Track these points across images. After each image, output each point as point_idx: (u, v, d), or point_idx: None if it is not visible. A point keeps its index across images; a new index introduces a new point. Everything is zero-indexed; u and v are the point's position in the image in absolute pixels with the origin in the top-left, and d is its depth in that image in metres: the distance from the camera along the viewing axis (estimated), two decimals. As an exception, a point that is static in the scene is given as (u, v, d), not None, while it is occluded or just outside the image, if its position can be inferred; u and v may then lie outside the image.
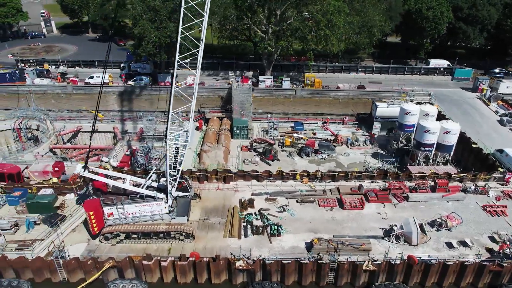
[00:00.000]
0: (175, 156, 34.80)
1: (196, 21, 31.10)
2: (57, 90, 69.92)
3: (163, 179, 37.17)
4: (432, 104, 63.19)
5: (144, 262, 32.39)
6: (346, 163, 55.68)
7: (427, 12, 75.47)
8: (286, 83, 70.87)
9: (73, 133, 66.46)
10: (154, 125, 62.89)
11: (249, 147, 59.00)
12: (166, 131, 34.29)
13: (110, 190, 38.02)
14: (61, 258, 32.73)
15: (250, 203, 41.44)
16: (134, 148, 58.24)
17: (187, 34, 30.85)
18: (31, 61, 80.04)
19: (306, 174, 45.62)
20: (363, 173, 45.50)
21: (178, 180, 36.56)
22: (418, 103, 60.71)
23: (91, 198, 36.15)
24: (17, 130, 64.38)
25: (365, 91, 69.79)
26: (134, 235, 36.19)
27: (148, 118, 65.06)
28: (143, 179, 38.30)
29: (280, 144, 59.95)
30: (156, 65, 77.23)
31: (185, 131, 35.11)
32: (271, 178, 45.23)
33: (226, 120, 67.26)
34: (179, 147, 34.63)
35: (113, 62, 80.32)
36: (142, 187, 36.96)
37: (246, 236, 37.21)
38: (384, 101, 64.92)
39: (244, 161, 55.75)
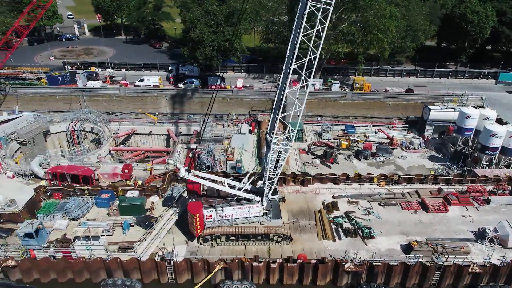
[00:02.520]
0: (276, 160, 35.42)
1: (307, 31, 31.45)
2: (110, 92, 70.67)
3: (260, 182, 37.80)
4: (484, 107, 63.91)
5: (254, 264, 33.02)
6: (405, 166, 56.26)
7: (472, 16, 76.23)
8: (336, 86, 71.66)
9: (127, 135, 67.18)
10: (211, 128, 63.77)
11: (306, 149, 59.75)
12: (270, 135, 34.86)
13: (205, 193, 38.66)
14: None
15: (334, 205, 42.14)
16: (195, 150, 58.88)
17: (305, 40, 31.15)
18: (78, 63, 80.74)
19: (383, 177, 46.28)
20: (440, 176, 46.13)
21: (275, 183, 37.21)
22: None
23: (191, 200, 36.76)
24: (72, 132, 65.13)
25: (414, 95, 70.47)
26: (233, 237, 36.84)
27: (204, 121, 65.86)
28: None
29: (336, 147, 60.62)
30: (202, 68, 77.92)
31: (287, 136, 35.68)
32: (348, 181, 45.88)
33: (279, 123, 67.82)
34: (281, 151, 35.24)
35: (159, 65, 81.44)
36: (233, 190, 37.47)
37: (340, 238, 37.89)
38: (437, 105, 65.60)
39: (304, 163, 56.44)
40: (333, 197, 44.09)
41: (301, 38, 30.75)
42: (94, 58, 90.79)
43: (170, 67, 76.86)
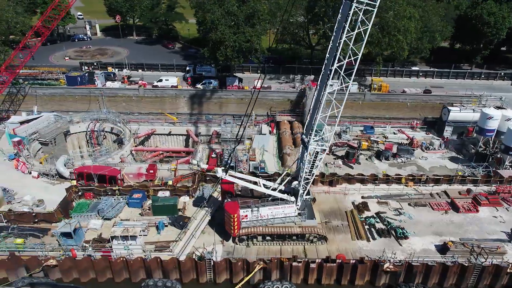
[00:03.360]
0: (313, 160, 35.62)
1: (349, 33, 31.59)
2: (129, 93, 70.82)
3: (295, 182, 37.98)
4: (505, 108, 64.13)
5: (294, 263, 33.21)
6: (427, 167, 56.43)
7: (489, 17, 76.47)
8: (354, 87, 71.74)
9: (147, 135, 67.41)
10: (231, 128, 63.94)
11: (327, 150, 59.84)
12: (307, 136, 35.06)
13: (239, 193, 38.86)
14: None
15: (365, 206, 42.34)
16: (218, 150, 59.17)
17: (349, 43, 31.31)
18: (94, 63, 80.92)
19: (411, 177, 46.48)
20: (468, 177, 46.35)
21: (310, 183, 37.41)
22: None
23: (227, 201, 36.91)
24: (92, 133, 65.31)
25: (432, 96, 70.67)
26: (268, 237, 37.03)
27: (225, 121, 66.23)
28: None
29: (357, 147, 60.83)
30: (219, 69, 78.04)
31: (322, 137, 35.85)
32: (376, 182, 46.09)
33: (298, 124, 68.24)
34: (319, 152, 35.43)
35: (176, 66, 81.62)
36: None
37: (373, 238, 38.08)
38: (456, 106, 65.81)
39: (326, 164, 56.63)
40: (362, 197, 44.31)
41: (344, 38, 30.89)
42: (109, 59, 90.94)
43: (187, 68, 77.04)
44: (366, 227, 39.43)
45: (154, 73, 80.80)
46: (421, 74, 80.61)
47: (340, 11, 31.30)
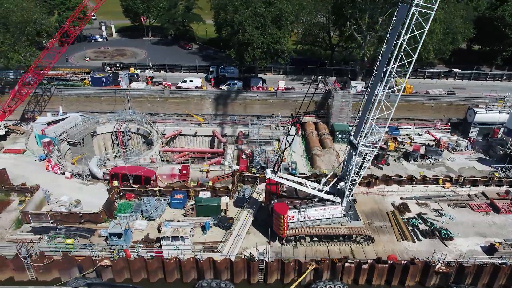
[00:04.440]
0: (362, 161, 35.84)
1: (408, 34, 31.73)
2: (154, 94, 71.07)
3: (341, 183, 38.17)
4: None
5: (346, 264, 33.43)
6: (456, 168, 56.62)
7: (511, 19, 76.76)
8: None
9: (174, 136, 67.64)
10: (259, 129, 64.16)
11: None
12: (357, 137, 35.27)
13: (284, 194, 39.07)
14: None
15: (405, 207, 42.56)
16: (247, 151, 59.34)
17: (405, 44, 31.52)
18: (117, 64, 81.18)
19: (448, 179, 46.71)
20: (505, 179, 46.57)
21: (356, 185, 37.62)
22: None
23: (274, 201, 37.09)
24: (118, 133, 65.55)
25: (456, 97, 70.91)
26: (315, 238, 37.25)
27: (252, 122, 66.46)
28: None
29: (385, 149, 61.05)
30: (241, 70, 78.25)
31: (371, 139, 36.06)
32: (414, 183, 46.33)
33: (323, 125, 68.46)
34: (367, 153, 35.65)
35: (198, 67, 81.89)
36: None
37: (418, 239, 38.29)
38: (481, 107, 66.07)
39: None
40: (401, 198, 44.55)
41: (400, 41, 31.09)
42: (129, 60, 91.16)
43: (210, 69, 77.23)
44: (409, 228, 39.62)
45: (176, 74, 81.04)
46: (442, 75, 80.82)
47: (396, 14, 31.52)
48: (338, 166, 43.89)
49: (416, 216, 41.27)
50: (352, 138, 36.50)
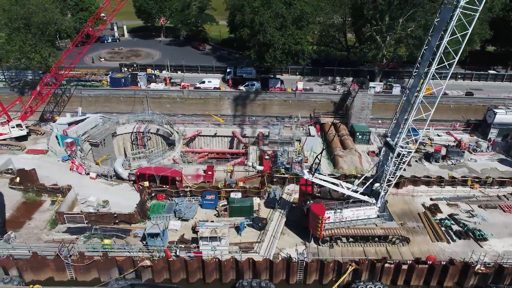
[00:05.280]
0: (398, 162, 35.95)
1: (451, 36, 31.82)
2: (173, 94, 71.18)
3: (376, 184, 38.28)
4: (550, 111, 64.60)
5: (386, 265, 33.55)
6: (478, 169, 56.68)
7: (529, 20, 77.08)
8: (396, 89, 72.19)
9: (193, 137, 67.75)
10: (279, 130, 64.27)
11: (376, 152, 60.40)
12: (394, 138, 35.39)
13: (318, 195, 39.18)
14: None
15: (436, 208, 42.67)
16: (269, 152, 59.46)
17: (448, 46, 31.64)
18: (135, 65, 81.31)
19: (477, 180, 46.83)
20: (534, 179, 46.73)
21: (392, 185, 37.73)
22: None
23: (310, 202, 37.21)
24: (139, 134, 65.66)
25: (475, 98, 71.05)
26: (351, 239, 37.37)
27: (273, 123, 66.61)
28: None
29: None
30: (258, 71, 78.32)
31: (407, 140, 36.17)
32: (442, 184, 46.46)
33: (342, 126, 68.54)
34: (404, 154, 35.75)
35: (215, 67, 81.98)
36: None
37: (453, 240, 38.39)
38: (501, 108, 66.23)
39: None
40: (431, 199, 44.67)
41: (444, 43, 31.25)
42: (142, 60, 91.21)
43: (228, 69, 77.33)
44: (443, 228, 39.72)
45: (193, 74, 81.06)
46: (459, 76, 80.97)
47: (438, 15, 31.69)
48: (372, 167, 43.84)
49: (448, 217, 41.38)
50: (388, 139, 36.62)
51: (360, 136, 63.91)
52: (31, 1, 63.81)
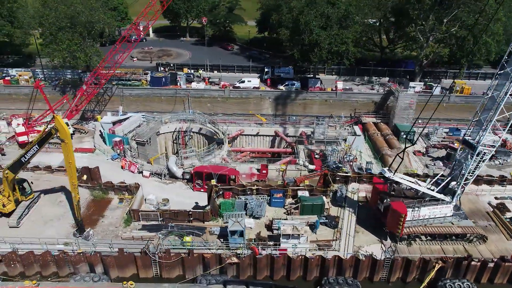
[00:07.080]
0: (479, 161, 36.09)
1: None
2: (214, 94, 71.39)
3: (453, 183, 38.34)
4: None
5: (473, 263, 33.65)
6: (526, 168, 56.86)
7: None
8: (437, 89, 72.33)
9: (236, 136, 67.86)
10: (324, 129, 64.33)
11: (423, 151, 60.66)
12: (475, 137, 35.53)
13: (392, 193, 39.25)
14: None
15: (504, 206, 42.78)
16: (318, 151, 59.58)
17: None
18: (171, 65, 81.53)
19: (540, 179, 47.00)
20: None
21: (469, 184, 37.85)
22: None
23: (389, 201, 37.28)
24: (181, 133, 65.80)
25: (516, 98, 71.03)
26: (429, 237, 37.47)
27: (318, 122, 66.70)
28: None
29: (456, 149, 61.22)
30: (295, 71, 78.47)
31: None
32: (504, 183, 46.59)
33: (384, 125, 68.69)
34: (485, 153, 35.87)
35: (251, 67, 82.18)
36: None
37: (528, 238, 38.51)
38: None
39: (427, 165, 57.25)
40: (495, 198, 44.76)
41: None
42: (174, 60, 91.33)
43: (265, 69, 77.48)
44: (515, 227, 39.85)
45: (229, 74, 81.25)
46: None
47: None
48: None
49: (516, 216, 41.50)
50: (468, 138, 36.77)
51: (404, 136, 63.99)
52: (77, 0, 64.10)
